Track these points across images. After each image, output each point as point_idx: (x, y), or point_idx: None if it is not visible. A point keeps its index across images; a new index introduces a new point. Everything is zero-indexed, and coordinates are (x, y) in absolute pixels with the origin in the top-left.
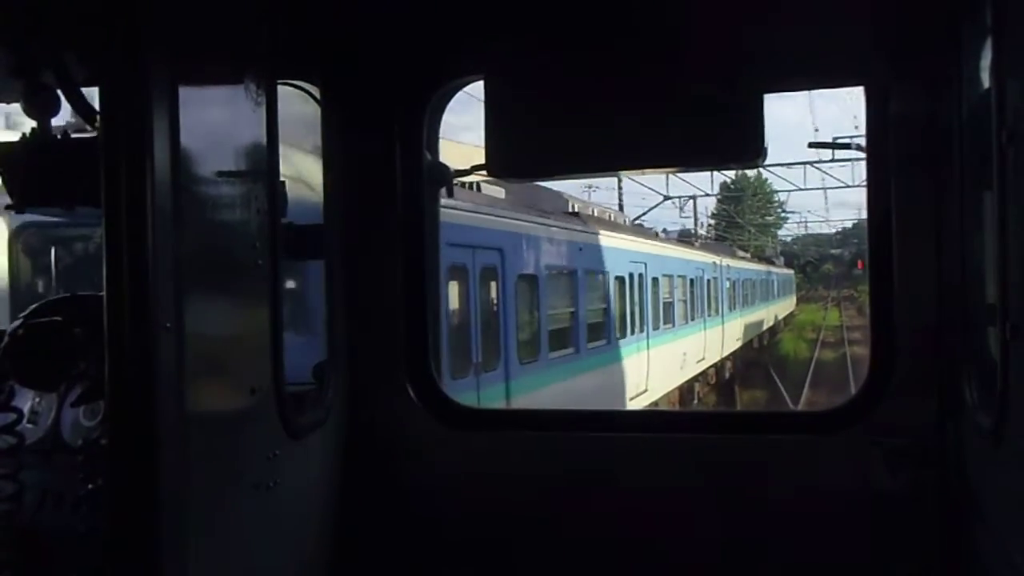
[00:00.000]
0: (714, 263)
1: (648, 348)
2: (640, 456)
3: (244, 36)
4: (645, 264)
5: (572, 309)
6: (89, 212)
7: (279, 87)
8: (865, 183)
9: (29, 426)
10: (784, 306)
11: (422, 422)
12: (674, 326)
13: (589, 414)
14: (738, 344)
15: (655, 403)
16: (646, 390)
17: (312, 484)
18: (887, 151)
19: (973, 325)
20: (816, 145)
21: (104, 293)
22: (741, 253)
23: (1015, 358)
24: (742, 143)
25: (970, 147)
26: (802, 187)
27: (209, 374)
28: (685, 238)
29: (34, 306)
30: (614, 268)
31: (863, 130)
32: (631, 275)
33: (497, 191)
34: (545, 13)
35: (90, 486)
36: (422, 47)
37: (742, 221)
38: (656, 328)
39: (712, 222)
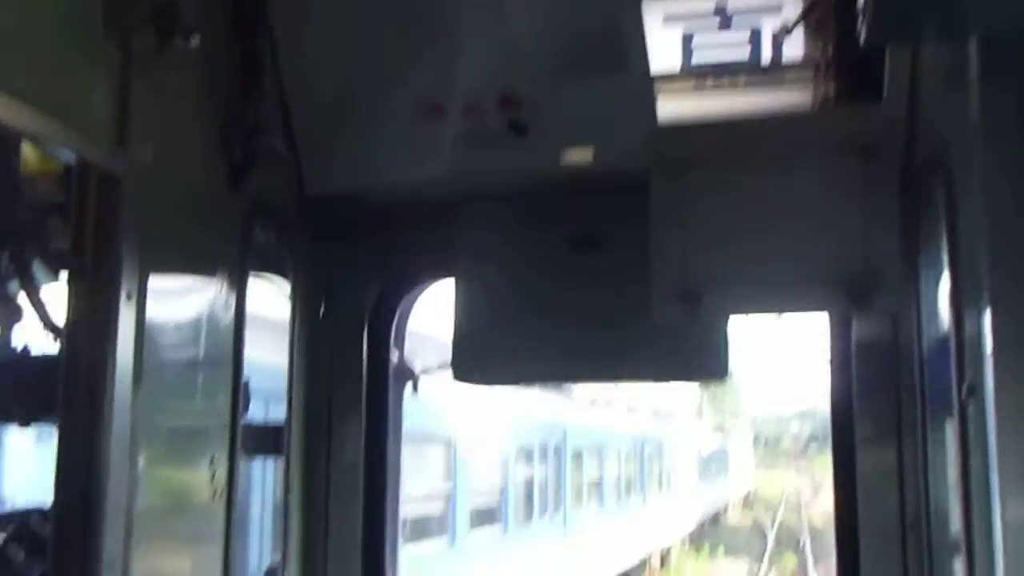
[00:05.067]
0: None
1: (565, 535)
2: None
3: (218, 238)
4: (564, 431)
5: (447, 488)
6: None
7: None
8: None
9: None
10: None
11: None
12: (602, 505)
13: None
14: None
15: None
16: None
17: None
18: (850, 377)
19: (936, 554)
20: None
21: (52, 524)
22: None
23: None
24: (707, 362)
25: (931, 379)
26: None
27: None
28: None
29: None
30: (516, 437)
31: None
32: (543, 446)
33: None
34: (515, 225)
35: None
36: (392, 251)
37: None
38: (577, 510)
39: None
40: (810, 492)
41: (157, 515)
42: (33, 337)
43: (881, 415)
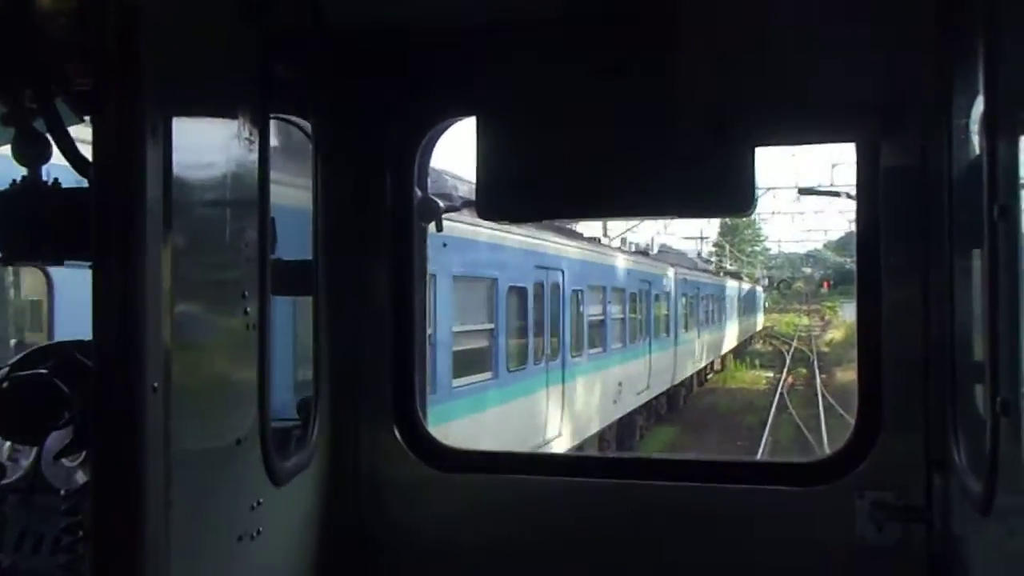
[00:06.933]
0: (666, 275)
1: (563, 381)
2: (625, 503)
3: (237, 74)
4: (562, 272)
5: (428, 331)
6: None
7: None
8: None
9: (8, 463)
10: (752, 324)
11: (407, 464)
12: (605, 351)
13: (576, 459)
14: (698, 366)
15: (580, 448)
16: (560, 435)
17: (295, 530)
18: (877, 206)
19: (959, 382)
20: (806, 192)
21: (93, 353)
22: (703, 265)
23: (1005, 432)
24: (733, 194)
25: (959, 207)
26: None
27: (196, 431)
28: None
29: (21, 355)
30: (510, 276)
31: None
32: (540, 284)
33: None
34: (539, 56)
35: (78, 534)
36: (415, 86)
37: (736, 252)
38: (578, 354)
39: (715, 250)
40: (819, 329)
41: (195, 345)
42: (62, 173)
43: (908, 244)
